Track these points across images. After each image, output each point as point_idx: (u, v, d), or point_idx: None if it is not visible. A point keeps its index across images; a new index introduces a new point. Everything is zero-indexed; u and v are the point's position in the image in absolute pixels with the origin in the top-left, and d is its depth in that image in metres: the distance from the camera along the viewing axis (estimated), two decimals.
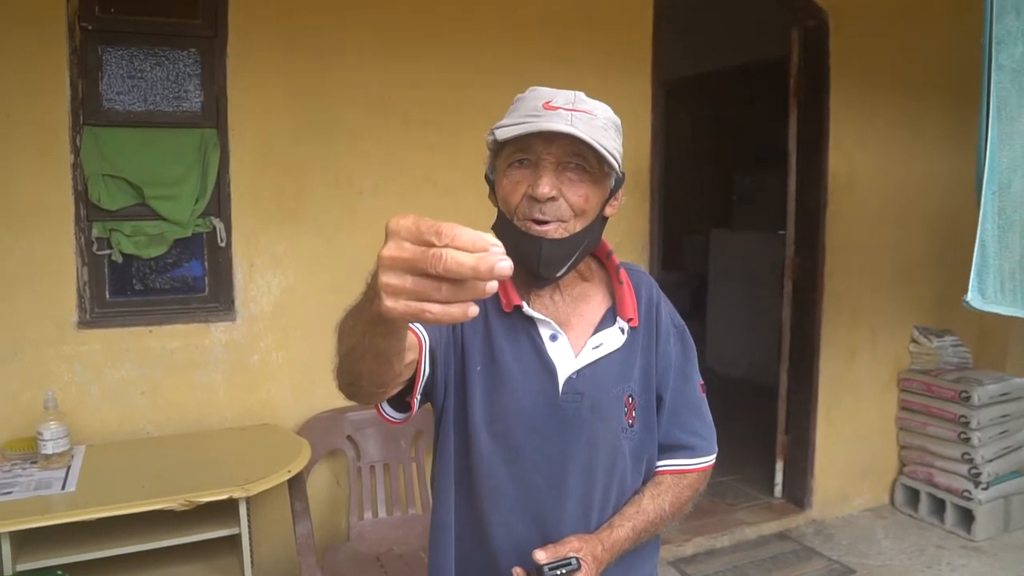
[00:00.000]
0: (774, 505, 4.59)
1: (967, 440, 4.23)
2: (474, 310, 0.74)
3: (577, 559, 1.34)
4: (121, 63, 3.00)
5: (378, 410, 1.39)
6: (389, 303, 0.76)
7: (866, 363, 4.59)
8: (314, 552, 2.84)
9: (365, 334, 1.00)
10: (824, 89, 4.27)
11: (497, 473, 1.41)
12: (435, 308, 0.74)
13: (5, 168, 2.83)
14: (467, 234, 0.72)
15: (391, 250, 0.75)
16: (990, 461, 4.25)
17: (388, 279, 0.76)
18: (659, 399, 1.51)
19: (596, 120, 1.33)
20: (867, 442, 4.62)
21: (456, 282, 0.73)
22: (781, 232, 4.69)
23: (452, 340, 1.42)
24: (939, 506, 4.45)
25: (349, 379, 1.18)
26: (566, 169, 1.34)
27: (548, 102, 1.32)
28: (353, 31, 3.26)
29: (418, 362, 1.34)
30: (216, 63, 3.09)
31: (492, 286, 0.73)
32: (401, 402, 1.38)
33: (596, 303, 1.48)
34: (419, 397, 1.38)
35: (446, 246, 0.72)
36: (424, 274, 0.73)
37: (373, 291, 0.82)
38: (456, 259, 0.71)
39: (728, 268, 7.40)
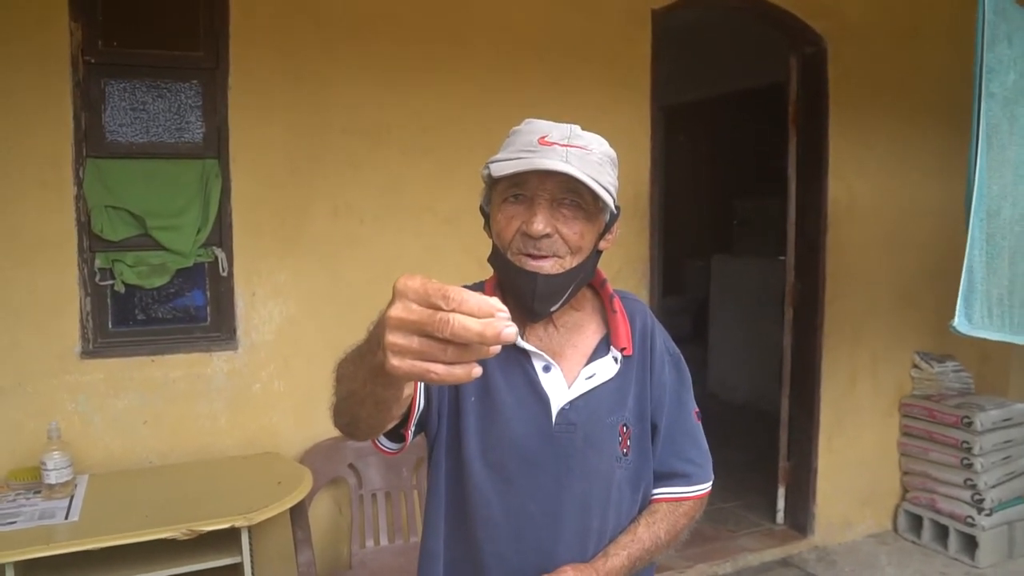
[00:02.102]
0: (776, 531, 4.57)
1: (970, 466, 4.21)
2: (477, 371, 0.76)
3: None
4: (124, 96, 3.04)
5: (374, 442, 1.40)
6: (395, 362, 0.77)
7: (867, 389, 4.58)
8: None
9: (366, 382, 1.01)
10: (823, 116, 4.29)
11: (491, 503, 1.41)
12: (440, 369, 0.76)
13: (9, 200, 2.86)
14: (474, 299, 0.74)
15: (399, 311, 0.77)
16: (993, 487, 4.23)
17: (395, 339, 0.77)
18: (654, 427, 1.50)
19: (591, 156, 1.33)
20: (869, 468, 4.60)
21: (461, 345, 0.74)
22: (782, 257, 4.70)
23: None
24: (942, 532, 4.42)
25: (347, 420, 1.20)
26: (561, 205, 1.34)
27: (544, 137, 1.32)
28: (352, 63, 3.29)
29: (413, 396, 1.34)
30: (218, 95, 3.13)
31: (496, 349, 0.74)
32: (396, 433, 1.39)
33: (590, 333, 1.48)
34: (413, 429, 1.39)
35: (453, 310, 0.73)
36: (430, 336, 0.75)
37: (376, 343, 0.82)
38: (463, 324, 0.73)
39: (729, 293, 7.39)
